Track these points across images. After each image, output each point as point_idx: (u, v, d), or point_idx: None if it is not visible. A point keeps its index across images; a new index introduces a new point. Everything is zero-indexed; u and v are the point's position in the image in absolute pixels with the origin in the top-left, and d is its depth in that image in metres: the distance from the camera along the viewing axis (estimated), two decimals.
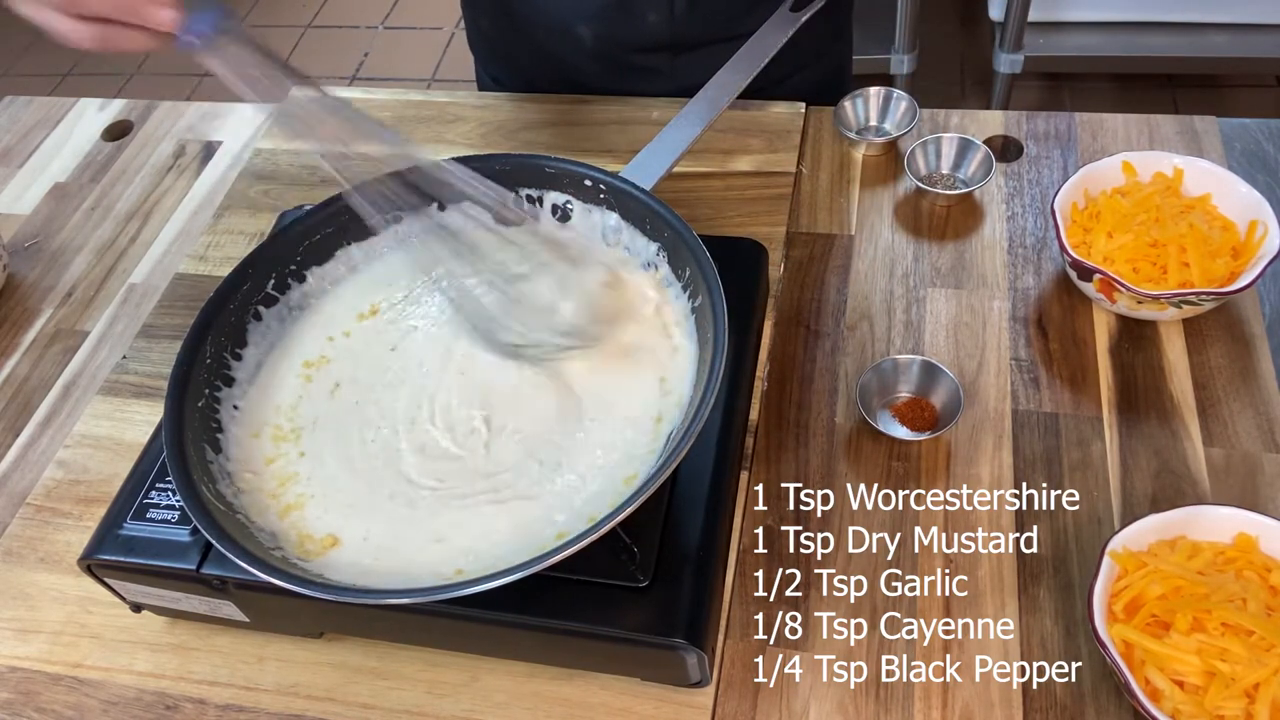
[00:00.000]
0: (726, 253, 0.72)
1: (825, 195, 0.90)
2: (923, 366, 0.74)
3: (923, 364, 0.74)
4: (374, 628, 0.66)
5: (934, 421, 0.73)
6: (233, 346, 0.68)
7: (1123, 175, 0.80)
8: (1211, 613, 0.57)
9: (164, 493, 0.64)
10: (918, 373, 0.74)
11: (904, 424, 0.73)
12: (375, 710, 0.64)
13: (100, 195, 1.02)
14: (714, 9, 0.93)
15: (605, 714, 0.62)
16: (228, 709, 0.65)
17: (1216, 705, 0.55)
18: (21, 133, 1.10)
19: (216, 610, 0.65)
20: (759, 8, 0.84)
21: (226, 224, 0.95)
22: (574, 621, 0.58)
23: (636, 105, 0.98)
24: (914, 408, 0.74)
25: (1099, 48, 2.05)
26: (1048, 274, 0.82)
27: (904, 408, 0.74)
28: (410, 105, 1.04)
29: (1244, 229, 0.76)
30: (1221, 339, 0.76)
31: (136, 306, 0.91)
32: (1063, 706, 0.61)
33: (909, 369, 0.75)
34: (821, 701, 0.62)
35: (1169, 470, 0.70)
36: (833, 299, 0.82)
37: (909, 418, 0.73)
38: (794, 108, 0.96)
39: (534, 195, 0.73)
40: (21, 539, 0.74)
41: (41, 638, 0.70)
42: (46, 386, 0.86)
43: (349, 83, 2.58)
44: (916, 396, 0.74)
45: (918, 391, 0.75)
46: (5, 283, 0.94)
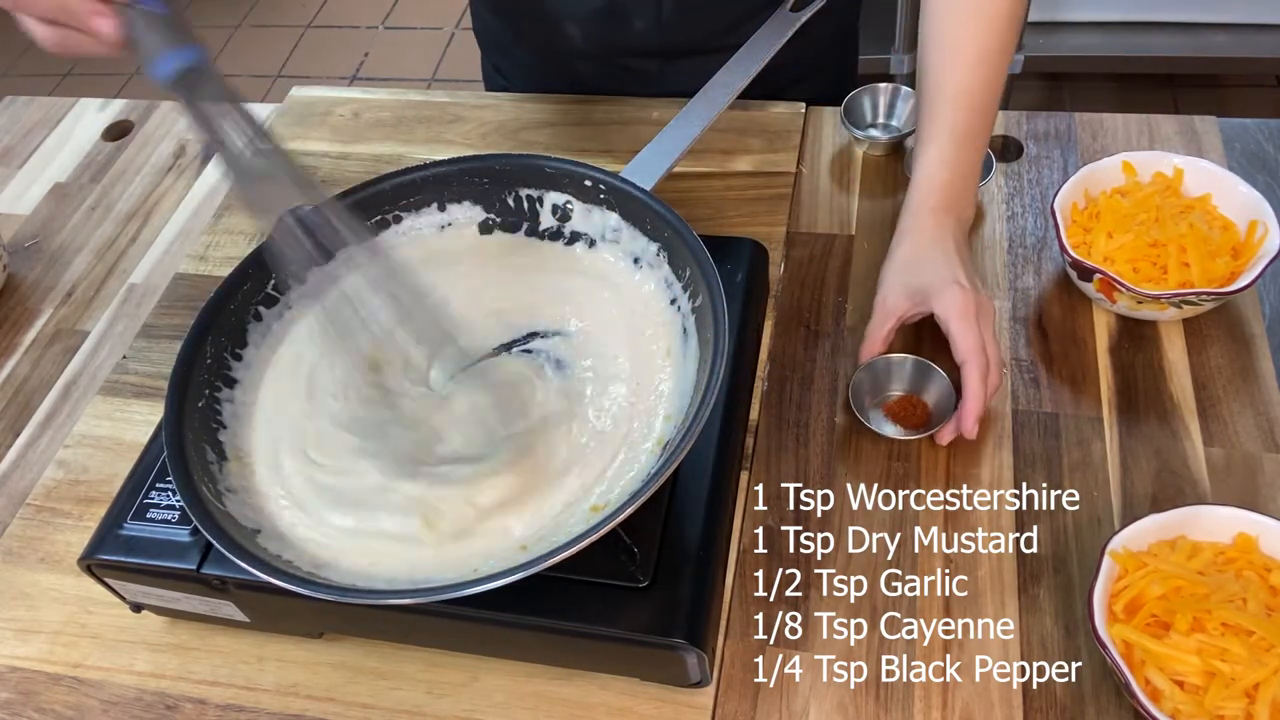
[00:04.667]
0: (726, 253, 0.73)
1: (825, 195, 0.90)
2: (915, 365, 0.74)
3: (915, 362, 0.74)
4: (374, 628, 0.66)
5: (926, 420, 0.73)
6: (233, 346, 0.68)
7: (1123, 175, 0.80)
8: (1211, 613, 0.57)
9: (164, 493, 0.64)
10: (910, 371, 0.74)
11: (896, 422, 0.73)
12: (375, 710, 0.64)
13: (100, 195, 1.02)
14: (702, 19, 0.92)
15: (605, 714, 0.62)
16: (228, 709, 0.65)
17: (1216, 705, 0.55)
18: (22, 133, 1.10)
19: (216, 610, 0.65)
20: (749, 20, 0.84)
21: (226, 224, 0.95)
22: (574, 621, 0.58)
23: (636, 105, 0.98)
24: (906, 406, 0.73)
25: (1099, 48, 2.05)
26: (1048, 274, 0.82)
27: (896, 406, 0.74)
28: (410, 105, 1.04)
29: (1244, 229, 0.76)
30: (1221, 339, 0.76)
31: (136, 306, 0.91)
32: (1063, 706, 0.61)
33: (902, 367, 0.74)
34: (821, 701, 0.62)
35: (1169, 470, 0.70)
36: (833, 299, 0.82)
37: (901, 416, 0.73)
38: (794, 108, 0.96)
39: (534, 195, 0.73)
40: (21, 539, 0.74)
41: (41, 638, 0.70)
42: (46, 386, 0.86)
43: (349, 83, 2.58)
44: (909, 394, 0.74)
45: (910, 390, 0.75)
46: (5, 283, 0.94)
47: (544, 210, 0.73)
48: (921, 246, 0.75)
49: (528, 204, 0.73)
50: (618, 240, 0.71)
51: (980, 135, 0.78)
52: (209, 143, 0.55)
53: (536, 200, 0.73)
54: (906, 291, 0.74)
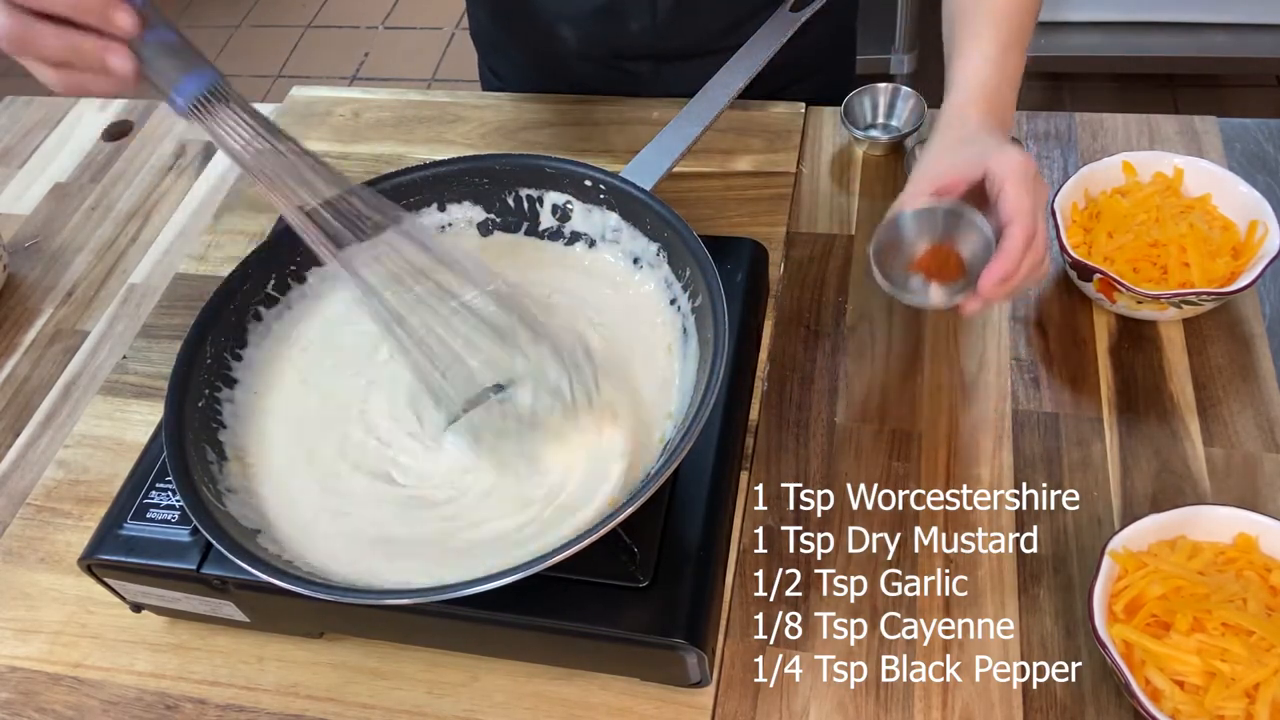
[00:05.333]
0: (726, 253, 0.73)
1: (825, 195, 0.90)
2: (948, 215, 0.64)
3: (948, 212, 0.64)
4: (374, 628, 0.66)
5: (962, 272, 0.64)
6: (233, 346, 0.68)
7: (1123, 175, 0.80)
8: (1211, 613, 0.57)
9: (164, 493, 0.64)
10: (942, 222, 0.64)
11: (930, 278, 0.65)
12: (375, 710, 0.64)
13: (100, 195, 1.02)
14: (697, 21, 0.92)
15: (605, 714, 0.62)
16: (228, 709, 0.65)
17: (1217, 705, 0.55)
18: (22, 133, 1.10)
19: (216, 610, 0.65)
20: (744, 23, 0.83)
21: (226, 224, 0.95)
22: (574, 621, 0.58)
23: (636, 105, 0.98)
24: (938, 258, 0.65)
25: (1099, 48, 2.05)
26: (1048, 274, 0.82)
27: (928, 259, 0.65)
28: (410, 105, 1.04)
29: (1244, 229, 0.76)
30: (1221, 339, 0.76)
31: (136, 306, 0.91)
32: (1063, 706, 0.61)
33: (932, 217, 0.64)
34: (821, 701, 0.62)
35: (1169, 470, 0.70)
36: (833, 299, 0.82)
37: (934, 270, 0.65)
38: (794, 108, 0.96)
39: (534, 195, 0.73)
40: (21, 539, 0.74)
41: (41, 638, 0.70)
42: (47, 386, 0.86)
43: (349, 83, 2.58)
44: (941, 244, 0.65)
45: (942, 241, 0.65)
46: (5, 283, 0.94)
47: (544, 210, 0.73)
48: (969, 131, 0.67)
49: (528, 204, 0.73)
50: (618, 240, 0.71)
51: (1021, 49, 0.70)
52: (237, 164, 0.55)
53: (536, 200, 0.73)
54: (953, 158, 0.65)
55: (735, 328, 0.62)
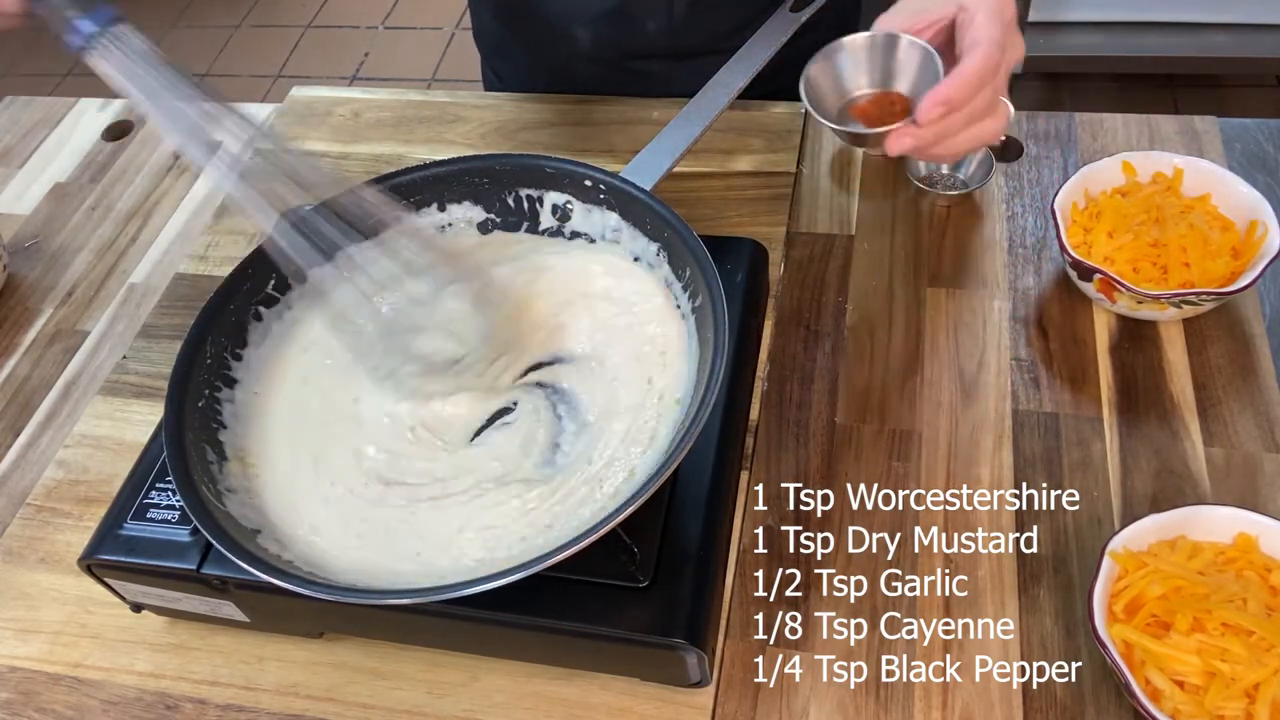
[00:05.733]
0: (726, 253, 0.73)
1: (825, 195, 0.90)
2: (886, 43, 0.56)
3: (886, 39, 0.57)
4: (374, 628, 0.66)
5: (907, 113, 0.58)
6: (233, 346, 0.68)
7: (1123, 175, 0.80)
8: (1211, 613, 0.57)
9: (164, 493, 0.64)
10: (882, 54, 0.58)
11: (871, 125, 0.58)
12: (375, 710, 0.64)
13: (100, 195, 1.02)
14: (713, 19, 0.92)
15: (605, 714, 0.62)
16: (228, 709, 0.65)
17: (1217, 705, 0.55)
18: (22, 133, 1.10)
19: (216, 610, 0.65)
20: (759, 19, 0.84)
21: (226, 224, 0.95)
22: (574, 621, 0.58)
23: (637, 105, 0.98)
24: (880, 105, 0.60)
25: (1099, 48, 2.05)
26: (1048, 274, 0.82)
27: (869, 107, 0.60)
28: (410, 105, 1.04)
29: (1244, 229, 0.76)
30: (1221, 339, 0.76)
31: (136, 306, 0.91)
32: (1063, 706, 0.61)
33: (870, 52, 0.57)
34: (821, 701, 0.62)
35: (1169, 470, 0.70)
36: (833, 299, 0.82)
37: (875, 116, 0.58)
38: (794, 108, 0.96)
39: (534, 195, 0.73)
40: (21, 539, 0.75)
41: (41, 638, 0.70)
42: (46, 386, 0.86)
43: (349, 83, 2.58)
44: (883, 91, 0.59)
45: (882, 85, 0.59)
46: (5, 283, 0.94)
47: (544, 210, 0.73)
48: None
49: (528, 204, 0.73)
50: (618, 240, 0.71)
51: None
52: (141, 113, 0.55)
53: (536, 200, 0.73)
54: None
55: (735, 328, 0.62)
